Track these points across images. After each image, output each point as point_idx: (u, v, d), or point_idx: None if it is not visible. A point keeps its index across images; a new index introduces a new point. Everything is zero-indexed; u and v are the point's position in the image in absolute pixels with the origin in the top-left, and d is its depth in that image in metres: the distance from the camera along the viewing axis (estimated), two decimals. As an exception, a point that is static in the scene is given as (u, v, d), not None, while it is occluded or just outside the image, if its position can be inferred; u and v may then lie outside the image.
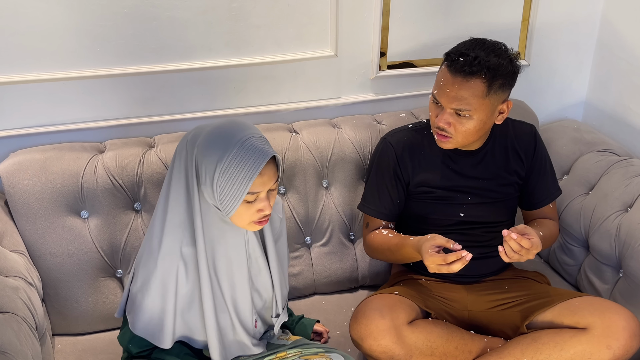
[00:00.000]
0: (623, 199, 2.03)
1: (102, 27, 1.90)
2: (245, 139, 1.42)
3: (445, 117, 1.76)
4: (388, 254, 1.90)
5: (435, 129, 1.82)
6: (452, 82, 1.73)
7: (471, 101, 1.73)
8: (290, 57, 2.12)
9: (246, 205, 1.45)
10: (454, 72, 1.73)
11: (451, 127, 1.77)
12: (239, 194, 1.41)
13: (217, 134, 1.43)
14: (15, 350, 1.44)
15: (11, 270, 1.66)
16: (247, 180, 1.41)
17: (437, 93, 1.77)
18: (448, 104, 1.75)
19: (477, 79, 1.72)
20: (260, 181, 1.43)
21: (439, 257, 1.65)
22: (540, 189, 1.98)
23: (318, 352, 1.63)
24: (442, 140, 1.81)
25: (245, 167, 1.40)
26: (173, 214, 1.50)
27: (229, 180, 1.40)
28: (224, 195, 1.42)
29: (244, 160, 1.40)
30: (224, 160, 1.40)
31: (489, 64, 1.71)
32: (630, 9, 2.25)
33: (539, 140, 1.98)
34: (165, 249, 1.50)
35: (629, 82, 2.29)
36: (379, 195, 1.93)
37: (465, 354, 1.79)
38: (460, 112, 1.75)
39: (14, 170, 1.83)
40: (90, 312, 1.90)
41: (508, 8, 2.28)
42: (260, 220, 1.49)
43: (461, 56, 1.73)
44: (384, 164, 1.93)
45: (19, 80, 1.89)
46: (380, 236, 1.91)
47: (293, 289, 2.07)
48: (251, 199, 1.45)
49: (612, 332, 1.68)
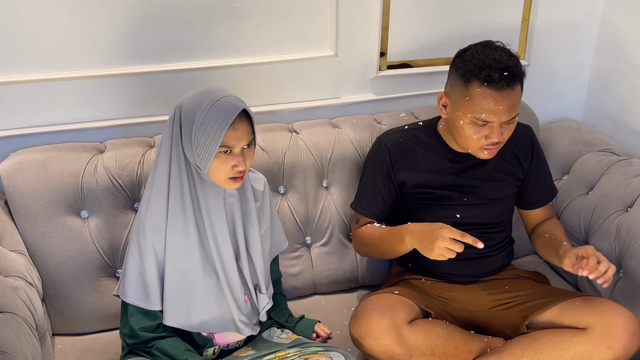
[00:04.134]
0: (623, 199, 2.03)
1: (102, 27, 1.90)
2: (220, 97, 1.53)
3: (498, 131, 1.75)
4: (377, 243, 1.87)
5: (483, 147, 1.79)
6: (501, 97, 1.72)
7: (518, 105, 1.76)
8: (290, 57, 2.12)
9: (221, 160, 1.54)
10: (499, 88, 1.71)
11: (502, 136, 1.77)
12: (213, 145, 1.51)
13: (196, 95, 1.56)
14: (15, 350, 1.44)
15: (11, 270, 1.66)
16: (219, 131, 1.50)
17: (487, 115, 1.73)
18: (503, 118, 1.74)
19: (518, 85, 1.74)
20: (233, 135, 1.53)
21: (457, 232, 1.65)
22: (539, 189, 1.99)
23: (318, 351, 1.63)
24: (492, 152, 1.80)
25: (218, 120, 1.50)
26: (161, 178, 1.60)
27: (204, 133, 1.51)
28: (200, 148, 1.52)
29: (217, 113, 1.50)
30: (200, 115, 1.51)
31: (519, 64, 1.75)
32: (630, 9, 2.25)
33: (536, 141, 1.99)
34: (152, 210, 1.60)
35: (629, 82, 2.29)
36: (371, 195, 1.93)
37: (465, 353, 1.79)
38: (512, 120, 1.76)
39: (14, 170, 1.83)
40: (90, 312, 1.90)
41: (508, 8, 2.28)
42: (235, 177, 1.57)
43: (503, 71, 1.71)
44: (378, 164, 1.93)
45: (19, 80, 1.89)
46: (371, 228, 1.91)
47: (293, 289, 2.07)
48: (225, 150, 1.54)
49: (612, 332, 1.68)
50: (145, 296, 1.62)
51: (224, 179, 1.57)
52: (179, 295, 1.63)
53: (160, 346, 1.63)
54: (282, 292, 1.93)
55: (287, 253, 2.05)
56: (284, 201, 2.05)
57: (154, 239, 1.60)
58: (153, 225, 1.60)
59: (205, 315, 1.66)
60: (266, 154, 2.02)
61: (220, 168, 1.55)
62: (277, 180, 2.04)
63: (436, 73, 2.27)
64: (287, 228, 2.03)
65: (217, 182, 1.59)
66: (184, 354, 1.62)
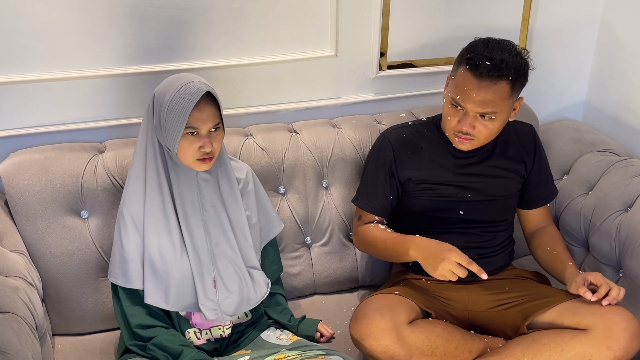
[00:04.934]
0: (623, 199, 2.03)
1: (102, 27, 1.90)
2: (188, 82, 1.61)
3: (469, 121, 1.76)
4: (380, 247, 1.89)
5: (456, 133, 1.81)
6: (478, 86, 1.72)
7: (498, 104, 1.74)
8: (290, 57, 2.12)
9: (188, 141, 1.62)
10: (479, 76, 1.72)
11: (475, 129, 1.77)
12: (179, 126, 1.59)
13: (167, 81, 1.66)
14: (15, 350, 1.44)
15: (11, 270, 1.66)
16: (184, 112, 1.58)
17: (461, 98, 1.75)
18: (474, 109, 1.74)
19: (504, 82, 1.73)
20: (199, 117, 1.60)
21: (464, 258, 1.68)
22: (540, 188, 1.99)
23: (318, 354, 1.62)
24: (463, 142, 1.81)
25: (183, 102, 1.58)
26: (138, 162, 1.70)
27: (171, 115, 1.59)
28: (168, 129, 1.60)
29: (182, 96, 1.59)
30: (168, 98, 1.60)
31: (515, 65, 1.73)
32: (630, 9, 2.25)
33: (538, 140, 1.99)
34: (130, 190, 1.70)
35: (628, 82, 2.29)
36: (373, 190, 1.93)
37: (465, 353, 1.79)
38: (486, 114, 1.75)
39: (14, 170, 1.83)
40: (90, 312, 1.90)
41: (508, 8, 2.28)
42: (203, 158, 1.64)
43: (487, 60, 1.72)
44: (380, 159, 1.93)
45: (19, 80, 1.89)
46: (375, 229, 1.91)
47: (293, 288, 2.07)
48: (191, 133, 1.61)
49: (612, 333, 1.68)
50: (122, 274, 1.68)
51: (192, 160, 1.65)
52: (157, 273, 1.67)
53: (157, 341, 1.65)
54: (282, 293, 1.93)
55: (287, 253, 2.06)
56: (284, 201, 2.05)
57: (135, 220, 1.68)
58: (131, 207, 1.68)
59: (179, 295, 1.69)
60: (266, 154, 2.02)
61: (188, 149, 1.63)
62: (277, 180, 2.04)
63: (436, 73, 2.27)
64: (287, 228, 2.03)
65: (187, 163, 1.66)
66: (179, 347, 1.64)
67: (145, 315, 1.69)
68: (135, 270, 1.68)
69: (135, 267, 1.68)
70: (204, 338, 1.75)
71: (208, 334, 1.75)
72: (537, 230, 2.03)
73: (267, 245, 1.88)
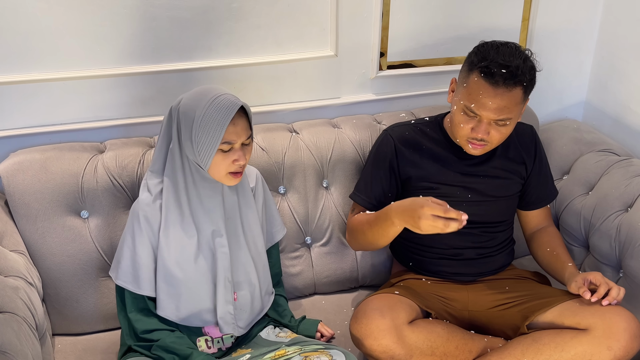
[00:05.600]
0: (623, 199, 2.03)
1: (102, 27, 1.90)
2: (218, 95, 1.57)
3: (484, 128, 1.75)
4: (367, 229, 1.83)
5: (469, 139, 1.80)
6: (494, 94, 1.71)
7: (512, 109, 1.74)
8: (290, 57, 2.12)
9: (222, 156, 1.59)
10: (495, 84, 1.71)
11: (489, 135, 1.77)
12: (215, 141, 1.56)
13: (194, 94, 1.60)
14: (15, 350, 1.44)
15: (11, 270, 1.66)
16: (220, 128, 1.55)
17: (476, 106, 1.74)
18: (490, 116, 1.74)
19: (519, 88, 1.73)
20: (234, 130, 1.58)
21: (439, 208, 1.60)
22: (540, 189, 1.99)
23: (318, 349, 1.63)
24: (477, 148, 1.81)
25: (218, 117, 1.55)
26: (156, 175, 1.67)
27: (205, 130, 1.55)
28: (201, 146, 1.57)
29: (217, 110, 1.55)
30: (200, 113, 1.55)
31: (530, 72, 1.73)
32: (630, 9, 2.25)
33: (539, 141, 1.99)
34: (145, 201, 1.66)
35: (628, 82, 2.29)
36: (372, 186, 1.93)
37: (465, 353, 1.79)
38: (501, 121, 1.75)
39: (14, 170, 1.83)
40: (90, 312, 1.90)
41: (508, 8, 2.28)
42: (236, 172, 1.62)
43: (502, 68, 1.71)
44: (382, 155, 1.93)
45: (19, 80, 1.89)
46: (360, 215, 1.89)
47: (293, 288, 2.07)
48: (226, 148, 1.58)
49: (612, 333, 1.68)
50: (134, 279, 1.66)
51: (225, 175, 1.62)
52: (171, 285, 1.66)
53: (163, 343, 1.64)
54: (283, 294, 1.93)
55: (287, 253, 2.06)
56: (284, 201, 2.05)
57: (148, 231, 1.65)
58: (147, 217, 1.65)
59: (193, 308, 1.68)
60: (266, 154, 2.02)
61: (222, 164, 1.59)
62: (277, 180, 2.04)
63: (436, 73, 2.27)
64: (288, 228, 2.03)
65: (218, 178, 1.63)
66: (187, 349, 1.63)
67: (151, 319, 1.68)
68: (147, 277, 1.66)
69: (148, 274, 1.66)
70: (216, 347, 1.75)
71: (220, 342, 1.75)
72: (537, 231, 2.03)
73: (270, 249, 1.88)
